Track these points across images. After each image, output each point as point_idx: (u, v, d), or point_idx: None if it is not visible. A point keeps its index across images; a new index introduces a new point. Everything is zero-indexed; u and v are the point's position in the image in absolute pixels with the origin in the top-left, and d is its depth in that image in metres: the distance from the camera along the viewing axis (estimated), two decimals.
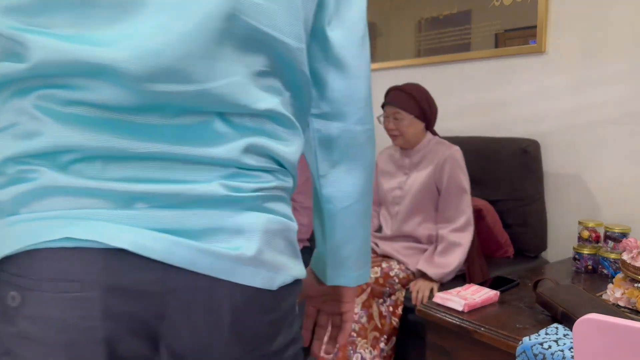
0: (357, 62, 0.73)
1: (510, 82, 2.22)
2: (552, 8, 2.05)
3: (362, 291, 1.74)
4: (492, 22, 2.25)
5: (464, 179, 1.85)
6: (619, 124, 1.89)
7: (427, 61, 2.54)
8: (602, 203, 1.97)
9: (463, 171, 1.86)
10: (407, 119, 1.86)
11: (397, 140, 1.92)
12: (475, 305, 1.40)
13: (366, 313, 1.73)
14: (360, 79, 0.73)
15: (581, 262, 1.76)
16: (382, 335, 1.73)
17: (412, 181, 1.91)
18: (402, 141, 1.91)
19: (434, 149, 1.91)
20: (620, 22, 1.86)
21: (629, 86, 1.86)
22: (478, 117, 2.35)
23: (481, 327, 1.30)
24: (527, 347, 1.17)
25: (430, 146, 1.92)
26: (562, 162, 2.07)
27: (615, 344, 0.78)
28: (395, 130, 1.89)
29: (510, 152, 2.06)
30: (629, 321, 0.79)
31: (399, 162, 2.00)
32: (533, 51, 2.10)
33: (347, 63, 0.72)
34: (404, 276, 1.79)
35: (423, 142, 1.94)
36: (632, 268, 1.36)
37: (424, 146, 1.93)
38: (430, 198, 1.88)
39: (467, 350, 1.35)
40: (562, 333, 1.20)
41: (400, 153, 1.99)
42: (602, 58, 1.92)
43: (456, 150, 1.87)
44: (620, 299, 1.39)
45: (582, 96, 1.99)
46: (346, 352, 1.72)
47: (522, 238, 2.08)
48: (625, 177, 1.90)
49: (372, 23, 2.83)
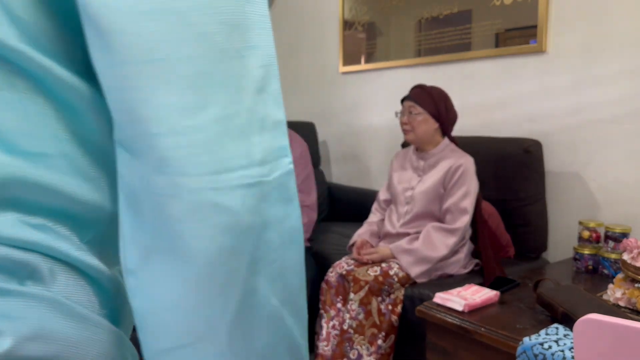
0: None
1: (510, 81, 2.21)
2: (552, 8, 2.04)
3: (360, 288, 1.74)
4: (492, 22, 2.24)
5: (468, 197, 1.84)
6: (620, 124, 1.89)
7: (428, 61, 2.53)
8: (602, 203, 1.96)
9: (472, 185, 1.86)
10: (421, 115, 1.88)
11: (408, 135, 1.93)
12: (475, 306, 1.40)
13: (364, 310, 1.73)
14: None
15: (582, 263, 1.76)
16: (380, 332, 1.73)
17: (423, 184, 1.92)
18: (413, 136, 1.92)
19: (449, 155, 1.92)
20: (620, 21, 1.86)
21: (630, 85, 1.85)
22: (479, 117, 2.35)
23: (481, 328, 1.30)
24: (528, 348, 1.17)
25: (445, 152, 1.94)
26: (563, 162, 2.07)
27: (615, 344, 0.78)
28: (408, 124, 1.91)
29: (512, 152, 2.06)
30: (630, 321, 0.79)
31: (415, 163, 2.01)
32: (533, 51, 2.10)
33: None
34: (403, 275, 1.79)
35: (439, 146, 1.95)
36: (632, 268, 1.36)
37: (439, 151, 1.95)
38: (438, 203, 1.89)
39: (467, 351, 1.35)
40: (563, 333, 1.20)
41: (417, 155, 2.01)
42: (602, 57, 1.92)
43: (469, 160, 1.88)
44: (620, 299, 1.38)
45: (583, 96, 1.98)
46: (343, 349, 1.72)
47: (523, 238, 2.08)
48: (626, 177, 1.89)
49: (372, 23, 2.83)
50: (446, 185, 1.88)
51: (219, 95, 0.40)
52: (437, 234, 1.82)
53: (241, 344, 0.43)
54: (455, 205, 1.83)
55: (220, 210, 0.40)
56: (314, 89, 3.25)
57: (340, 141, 3.12)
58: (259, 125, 0.43)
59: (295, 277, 0.47)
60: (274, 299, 0.45)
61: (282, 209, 0.45)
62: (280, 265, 0.45)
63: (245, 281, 0.42)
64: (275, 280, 0.45)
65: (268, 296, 0.44)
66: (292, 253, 0.47)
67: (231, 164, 0.41)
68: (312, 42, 3.23)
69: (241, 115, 0.42)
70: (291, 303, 0.47)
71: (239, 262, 0.41)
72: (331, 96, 3.13)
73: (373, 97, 2.86)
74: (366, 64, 2.88)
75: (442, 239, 1.81)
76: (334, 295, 1.88)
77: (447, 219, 1.86)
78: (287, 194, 0.46)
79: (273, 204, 0.44)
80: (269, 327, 0.45)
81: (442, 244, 1.80)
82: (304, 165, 2.23)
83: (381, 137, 2.80)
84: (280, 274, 0.45)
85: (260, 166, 0.42)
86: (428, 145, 1.96)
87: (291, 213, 0.46)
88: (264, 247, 0.43)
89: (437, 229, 1.83)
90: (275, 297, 0.45)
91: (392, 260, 1.85)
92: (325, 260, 2.12)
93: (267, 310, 0.44)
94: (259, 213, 0.42)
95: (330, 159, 3.21)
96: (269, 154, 0.44)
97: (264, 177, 0.43)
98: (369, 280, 1.75)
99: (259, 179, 0.42)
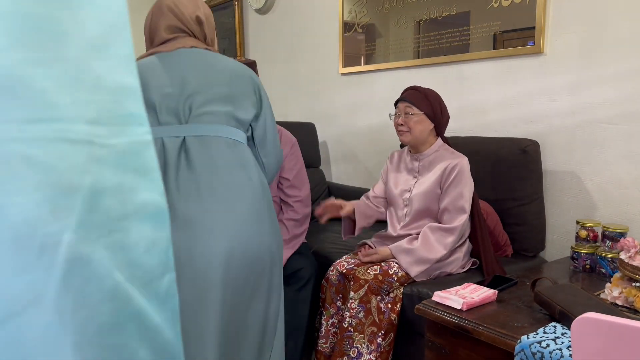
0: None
1: (508, 83, 2.23)
2: (550, 10, 2.06)
3: (361, 287, 1.76)
4: (490, 24, 2.26)
5: (465, 195, 1.85)
6: (617, 124, 1.91)
7: (426, 62, 2.55)
8: (600, 203, 1.98)
9: (467, 185, 1.87)
10: (417, 116, 1.89)
11: (404, 137, 1.93)
12: (473, 304, 1.41)
13: (363, 308, 1.75)
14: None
15: (579, 262, 1.78)
16: (379, 331, 1.74)
17: (420, 185, 1.93)
18: (410, 138, 1.92)
19: (443, 155, 1.93)
20: (617, 23, 1.88)
21: (626, 87, 1.87)
22: (477, 118, 2.36)
23: (480, 326, 1.31)
24: (525, 346, 1.18)
25: (440, 152, 1.95)
26: (560, 162, 2.09)
27: (612, 343, 0.80)
28: (404, 126, 1.91)
29: (510, 152, 2.07)
30: (627, 320, 0.80)
31: (409, 165, 2.01)
32: (531, 52, 2.11)
33: None
34: (403, 274, 1.80)
35: (433, 147, 1.95)
36: (629, 267, 1.38)
37: (433, 151, 1.95)
38: (436, 203, 1.90)
39: (466, 349, 1.36)
40: (560, 332, 1.22)
41: (411, 156, 2.01)
42: (600, 59, 1.93)
43: (464, 160, 1.89)
44: (618, 298, 1.40)
45: (580, 97, 2.00)
46: (343, 347, 1.74)
47: (520, 237, 2.10)
48: (623, 177, 1.91)
49: (372, 24, 2.84)
50: (442, 186, 1.89)
51: (31, 37, 0.37)
52: (435, 235, 1.83)
53: (74, 316, 0.40)
54: (453, 205, 1.85)
55: (33, 164, 0.35)
56: (314, 90, 3.26)
57: (340, 141, 3.13)
58: (92, 83, 0.40)
59: (150, 257, 0.44)
60: (118, 274, 0.41)
61: (130, 179, 0.42)
62: (124, 238, 0.42)
63: (71, 246, 0.39)
64: (116, 252, 0.41)
65: (109, 269, 0.41)
66: (142, 229, 0.43)
67: (45, 114, 0.36)
68: (313, 44, 3.25)
69: (60, 65, 0.38)
70: (146, 284, 0.43)
71: (60, 224, 0.38)
72: (331, 97, 3.15)
73: (373, 98, 2.88)
74: (366, 66, 2.89)
75: (440, 239, 1.82)
76: (334, 293, 1.90)
77: (445, 218, 1.87)
78: (140, 165, 0.43)
79: (114, 170, 0.41)
80: (112, 303, 0.41)
81: (441, 244, 1.82)
82: (295, 160, 2.24)
83: (381, 137, 2.81)
84: (124, 247, 0.42)
85: (91, 125, 0.39)
86: (423, 146, 1.96)
87: (146, 186, 0.43)
88: (100, 214, 0.40)
89: (435, 229, 1.84)
90: (119, 272, 0.42)
91: (391, 260, 1.86)
92: (325, 259, 2.14)
93: (107, 284, 0.41)
94: (89, 174, 0.39)
95: (330, 159, 3.22)
96: (108, 116, 0.41)
97: (99, 138, 0.39)
98: (369, 280, 1.76)
99: (90, 138, 0.39)
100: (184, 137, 1.33)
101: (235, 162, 1.37)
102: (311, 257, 2.14)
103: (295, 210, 2.18)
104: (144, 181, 0.43)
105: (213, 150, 1.34)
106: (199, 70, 1.39)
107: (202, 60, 1.42)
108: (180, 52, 1.41)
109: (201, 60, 1.42)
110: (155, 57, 1.40)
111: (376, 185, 2.14)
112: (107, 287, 0.41)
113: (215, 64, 1.42)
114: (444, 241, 1.82)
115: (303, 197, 2.22)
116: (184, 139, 1.33)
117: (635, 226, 1.85)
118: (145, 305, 0.43)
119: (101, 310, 0.41)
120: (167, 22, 1.42)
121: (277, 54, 3.49)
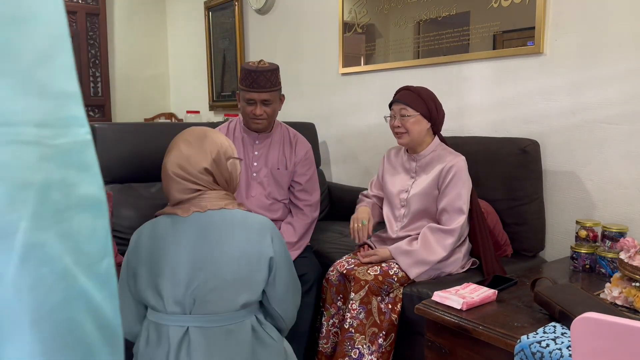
0: None
1: (508, 83, 2.23)
2: (550, 10, 2.06)
3: (361, 288, 1.76)
4: (490, 24, 2.26)
5: (463, 197, 1.85)
6: (617, 124, 1.91)
7: (426, 62, 2.55)
8: (599, 202, 1.98)
9: (465, 185, 1.86)
10: (414, 117, 1.88)
11: (402, 139, 1.92)
12: (473, 304, 1.41)
13: (364, 309, 1.75)
14: None
15: (579, 261, 1.78)
16: (380, 331, 1.74)
17: (418, 185, 1.93)
18: (408, 139, 1.91)
19: (441, 155, 1.92)
20: (617, 23, 1.88)
21: (626, 87, 1.87)
22: (477, 118, 2.36)
23: (479, 326, 1.31)
24: (525, 346, 1.18)
25: (437, 151, 1.94)
26: (560, 162, 2.09)
27: (612, 343, 0.80)
28: (401, 127, 1.90)
29: (510, 152, 2.07)
30: (626, 320, 0.81)
31: (406, 165, 2.01)
32: (531, 52, 2.12)
33: None
34: (403, 275, 1.80)
35: (430, 147, 1.94)
36: (629, 267, 1.38)
37: (430, 151, 1.94)
38: (434, 203, 1.90)
39: (466, 349, 1.36)
40: (560, 332, 1.22)
41: (408, 156, 2.00)
42: (599, 59, 1.94)
43: (461, 160, 1.89)
44: (617, 297, 1.40)
45: (579, 97, 2.00)
46: (344, 348, 1.74)
47: (520, 237, 2.10)
48: (622, 177, 1.91)
49: (371, 24, 2.84)
50: (440, 187, 1.88)
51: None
52: (434, 236, 1.83)
53: (30, 295, 0.48)
54: (451, 206, 1.84)
55: None
56: (315, 90, 3.26)
57: (340, 141, 3.13)
58: (39, 91, 0.47)
59: (90, 244, 0.51)
60: (67, 257, 0.49)
61: (72, 174, 0.49)
62: (69, 227, 0.49)
63: (27, 233, 0.46)
64: (64, 239, 0.49)
65: (60, 253, 0.48)
66: (83, 218, 0.50)
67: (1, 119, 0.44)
68: (313, 44, 3.25)
69: (14, 76, 0.45)
70: (88, 267, 0.51)
71: (17, 215, 0.46)
72: (331, 97, 3.15)
73: (372, 98, 2.88)
74: (365, 66, 2.89)
75: (439, 241, 1.82)
76: (335, 293, 1.90)
77: (444, 219, 1.86)
78: (82, 162, 0.50)
79: (59, 167, 0.48)
80: (63, 283, 0.49)
81: (440, 246, 1.81)
82: (308, 165, 2.25)
83: (380, 137, 2.81)
84: (70, 235, 0.49)
85: (38, 127, 0.46)
86: (420, 147, 1.95)
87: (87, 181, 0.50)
88: (49, 206, 0.48)
89: (434, 231, 1.84)
90: (68, 256, 0.49)
91: (391, 261, 1.86)
92: (325, 259, 2.14)
93: (58, 266, 0.48)
94: (40, 171, 0.46)
95: (330, 159, 3.22)
96: (53, 119, 0.47)
97: (46, 139, 0.47)
98: (369, 280, 1.76)
99: (38, 139, 0.46)
100: (187, 327, 1.35)
101: (231, 354, 1.37)
102: (316, 261, 2.14)
103: (305, 213, 2.21)
104: (84, 176, 0.51)
105: (211, 345, 1.35)
106: (207, 252, 1.36)
107: (215, 235, 1.37)
108: (195, 219, 1.37)
109: (213, 234, 1.37)
110: (170, 222, 1.38)
111: (374, 183, 2.14)
112: (58, 269, 0.49)
113: (227, 240, 1.37)
114: (444, 243, 1.82)
115: (313, 202, 2.23)
116: (187, 329, 1.35)
117: (635, 226, 1.85)
118: (89, 285, 0.52)
119: (54, 289, 0.49)
120: (177, 186, 1.39)
121: (277, 54, 3.49)
